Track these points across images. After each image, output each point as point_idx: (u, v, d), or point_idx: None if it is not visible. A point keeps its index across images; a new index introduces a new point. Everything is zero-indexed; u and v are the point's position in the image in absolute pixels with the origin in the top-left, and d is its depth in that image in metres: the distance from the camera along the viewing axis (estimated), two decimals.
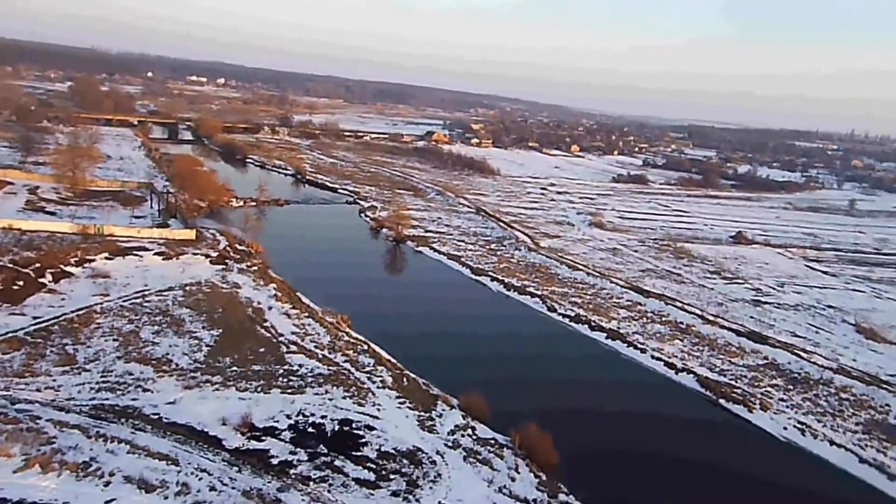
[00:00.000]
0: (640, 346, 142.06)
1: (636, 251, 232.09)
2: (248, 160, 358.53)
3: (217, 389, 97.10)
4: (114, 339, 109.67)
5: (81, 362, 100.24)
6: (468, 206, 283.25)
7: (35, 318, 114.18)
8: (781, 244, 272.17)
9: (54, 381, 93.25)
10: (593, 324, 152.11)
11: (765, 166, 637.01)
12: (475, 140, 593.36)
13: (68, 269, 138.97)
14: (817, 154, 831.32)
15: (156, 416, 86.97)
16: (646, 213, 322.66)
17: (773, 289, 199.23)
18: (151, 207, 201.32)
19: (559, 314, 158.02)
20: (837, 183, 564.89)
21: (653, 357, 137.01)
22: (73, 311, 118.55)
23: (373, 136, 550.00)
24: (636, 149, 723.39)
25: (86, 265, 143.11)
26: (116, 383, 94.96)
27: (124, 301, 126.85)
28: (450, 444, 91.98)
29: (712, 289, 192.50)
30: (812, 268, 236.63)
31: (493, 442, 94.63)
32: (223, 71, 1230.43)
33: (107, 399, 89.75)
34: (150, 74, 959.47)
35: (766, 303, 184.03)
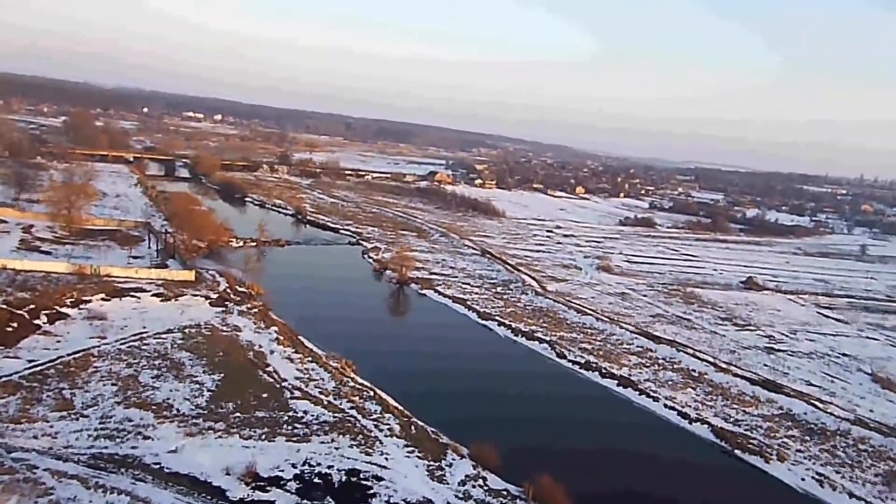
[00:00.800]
0: (652, 394, 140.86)
1: (645, 296, 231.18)
2: (247, 199, 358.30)
3: (220, 437, 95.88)
4: (112, 384, 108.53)
5: (79, 407, 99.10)
6: (473, 248, 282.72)
7: (30, 360, 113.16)
8: (793, 290, 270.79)
9: (51, 427, 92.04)
10: (604, 371, 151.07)
11: (773, 210, 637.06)
12: (479, 181, 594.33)
13: (64, 310, 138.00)
14: (826, 199, 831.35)
15: (157, 466, 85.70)
16: (654, 257, 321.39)
17: (786, 336, 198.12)
18: (149, 247, 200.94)
19: (569, 360, 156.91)
20: (847, 228, 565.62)
21: (665, 406, 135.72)
22: (69, 354, 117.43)
23: (374, 175, 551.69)
24: (642, 191, 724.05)
25: (82, 306, 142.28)
26: (116, 430, 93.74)
27: (122, 344, 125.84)
28: (461, 495, 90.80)
29: (724, 335, 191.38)
30: (825, 315, 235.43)
31: (505, 493, 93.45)
32: (220, 107, 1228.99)
33: (106, 447, 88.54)
34: (145, 110, 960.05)
35: (779, 350, 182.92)
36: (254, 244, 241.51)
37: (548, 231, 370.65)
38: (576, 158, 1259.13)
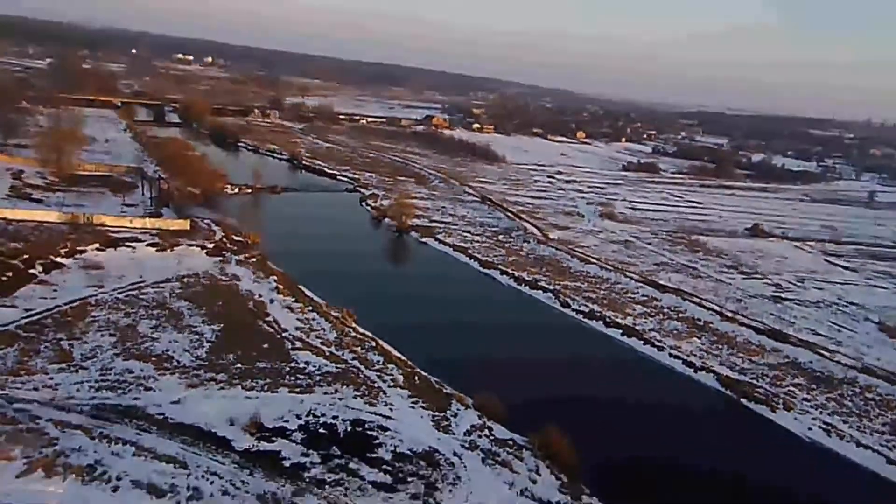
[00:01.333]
0: (657, 343, 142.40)
1: (649, 244, 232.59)
2: (239, 144, 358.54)
3: (222, 388, 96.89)
4: (111, 334, 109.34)
5: (78, 359, 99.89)
6: (473, 195, 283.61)
7: (27, 310, 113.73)
8: (799, 237, 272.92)
9: (51, 378, 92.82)
10: (608, 320, 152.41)
11: (779, 155, 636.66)
12: (477, 125, 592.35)
13: (59, 259, 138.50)
14: (834, 143, 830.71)
15: (160, 417, 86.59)
16: (658, 203, 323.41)
17: (794, 284, 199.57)
18: (143, 195, 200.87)
19: (573, 310, 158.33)
20: (856, 173, 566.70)
21: (670, 355, 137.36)
22: (66, 304, 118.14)
23: (369, 120, 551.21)
24: (645, 136, 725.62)
25: (77, 256, 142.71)
26: (117, 381, 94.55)
27: (120, 293, 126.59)
28: (467, 445, 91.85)
29: (730, 284, 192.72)
30: (832, 262, 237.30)
31: (511, 443, 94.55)
32: (211, 49, 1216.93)
33: (108, 398, 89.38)
34: (134, 52, 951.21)
35: (786, 299, 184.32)
36: (249, 191, 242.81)
37: (549, 177, 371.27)
38: (576, 103, 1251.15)
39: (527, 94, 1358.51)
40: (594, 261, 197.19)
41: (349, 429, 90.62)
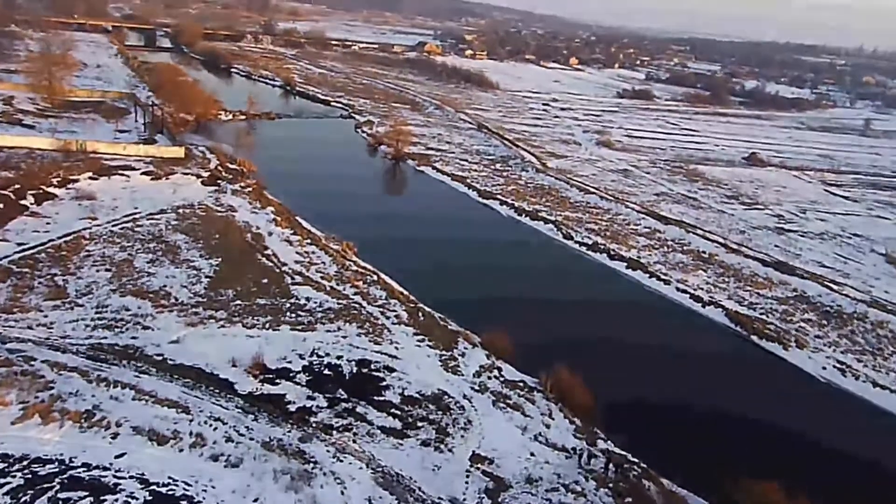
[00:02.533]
0: (663, 277, 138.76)
1: (648, 173, 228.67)
2: (232, 70, 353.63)
3: (222, 326, 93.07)
4: (106, 269, 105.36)
5: (73, 296, 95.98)
6: (469, 123, 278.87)
7: (19, 244, 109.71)
8: (797, 166, 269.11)
9: (45, 317, 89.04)
10: (612, 252, 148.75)
11: (772, 82, 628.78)
12: (469, 51, 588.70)
13: (51, 190, 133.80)
14: (826, 69, 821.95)
15: (160, 357, 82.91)
16: (654, 131, 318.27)
17: (796, 215, 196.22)
18: (136, 121, 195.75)
19: (576, 242, 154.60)
20: (850, 101, 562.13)
21: (677, 289, 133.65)
22: (59, 238, 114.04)
23: (362, 45, 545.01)
24: (637, 62, 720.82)
25: (70, 186, 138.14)
26: (113, 320, 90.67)
27: (114, 225, 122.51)
28: (476, 387, 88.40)
29: (732, 215, 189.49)
30: (832, 192, 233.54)
31: (521, 385, 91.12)
32: None
33: (105, 338, 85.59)
34: None
35: (789, 231, 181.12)
36: (243, 117, 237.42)
37: (544, 104, 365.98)
38: (567, 28, 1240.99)
39: (518, 19, 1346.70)
40: (594, 191, 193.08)
41: (354, 370, 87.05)
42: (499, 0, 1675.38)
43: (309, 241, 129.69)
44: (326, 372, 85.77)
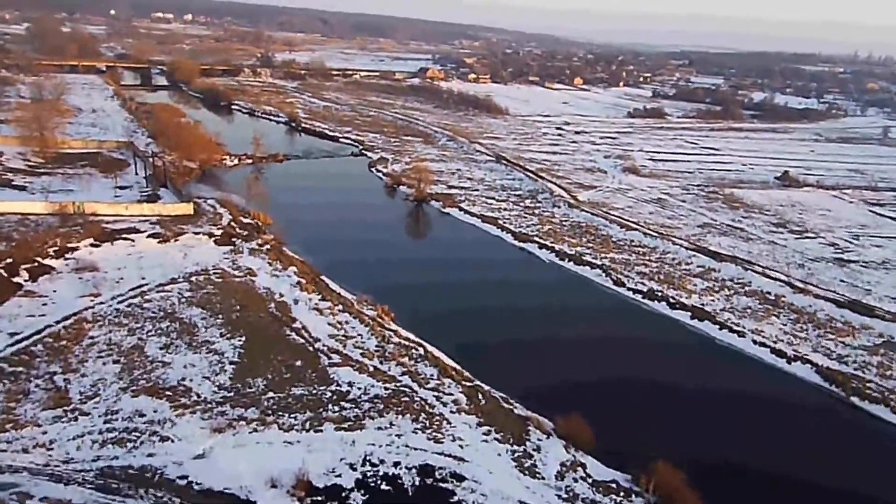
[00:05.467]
0: (734, 327, 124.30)
1: (684, 201, 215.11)
2: (233, 107, 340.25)
3: (255, 430, 77.83)
4: (113, 361, 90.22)
5: (77, 400, 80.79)
6: (486, 154, 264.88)
7: (12, 333, 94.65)
8: (833, 185, 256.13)
9: (44, 433, 73.95)
10: (672, 300, 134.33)
11: (778, 92, 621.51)
12: (472, 75, 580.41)
13: (48, 262, 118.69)
14: (827, 78, 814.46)
15: (183, 481, 68.25)
16: (676, 152, 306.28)
17: (850, 243, 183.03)
18: (136, 174, 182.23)
19: (629, 289, 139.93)
20: (860, 109, 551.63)
21: (754, 342, 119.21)
22: (58, 322, 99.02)
23: (363, 74, 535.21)
24: (641, 79, 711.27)
25: (68, 256, 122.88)
26: (126, 430, 75.61)
27: (120, 302, 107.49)
28: (563, 493, 74.24)
29: (784, 246, 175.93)
30: (878, 213, 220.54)
31: (614, 485, 76.91)
32: (190, 5, 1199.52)
33: (115, 458, 70.61)
34: (112, 12, 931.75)
35: (849, 261, 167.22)
36: (250, 161, 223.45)
37: (557, 128, 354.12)
38: (560, 47, 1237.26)
39: (511, 40, 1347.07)
40: (636, 226, 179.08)
41: (417, 480, 72.32)
42: (490, 21, 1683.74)
43: (340, 307, 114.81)
44: (384, 486, 71.07)
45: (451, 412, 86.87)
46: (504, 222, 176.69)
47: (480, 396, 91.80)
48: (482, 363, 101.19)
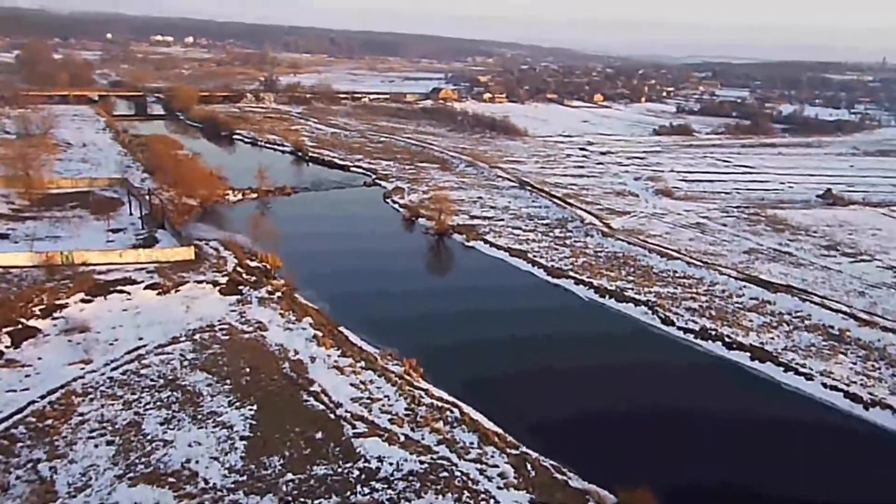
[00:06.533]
0: (800, 369, 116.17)
1: (725, 225, 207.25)
2: (235, 136, 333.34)
3: None
4: (107, 442, 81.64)
5: (64, 493, 72.49)
6: (508, 179, 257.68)
7: None
8: (880, 202, 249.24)
9: None
10: (727, 339, 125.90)
11: (806, 104, 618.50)
12: (487, 95, 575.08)
13: (32, 322, 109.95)
14: (857, 87, 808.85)
15: None
16: (708, 172, 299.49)
17: None
18: (131, 213, 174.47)
19: (678, 328, 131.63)
20: (894, 119, 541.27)
21: (824, 385, 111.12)
22: (43, 397, 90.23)
23: (372, 96, 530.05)
24: (663, 94, 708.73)
25: (56, 314, 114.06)
26: None
27: (114, 369, 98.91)
28: None
29: (839, 271, 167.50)
30: None
31: None
32: (191, 27, 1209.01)
33: None
34: (109, 36, 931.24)
35: None
36: (255, 195, 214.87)
37: (581, 149, 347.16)
38: (578, 61, 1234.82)
39: (526, 55, 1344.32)
40: (678, 255, 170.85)
41: None
42: (504, 36, 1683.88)
43: (363, 363, 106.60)
44: None
45: (499, 488, 78.61)
46: (534, 255, 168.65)
47: (529, 467, 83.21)
48: (527, 425, 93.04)
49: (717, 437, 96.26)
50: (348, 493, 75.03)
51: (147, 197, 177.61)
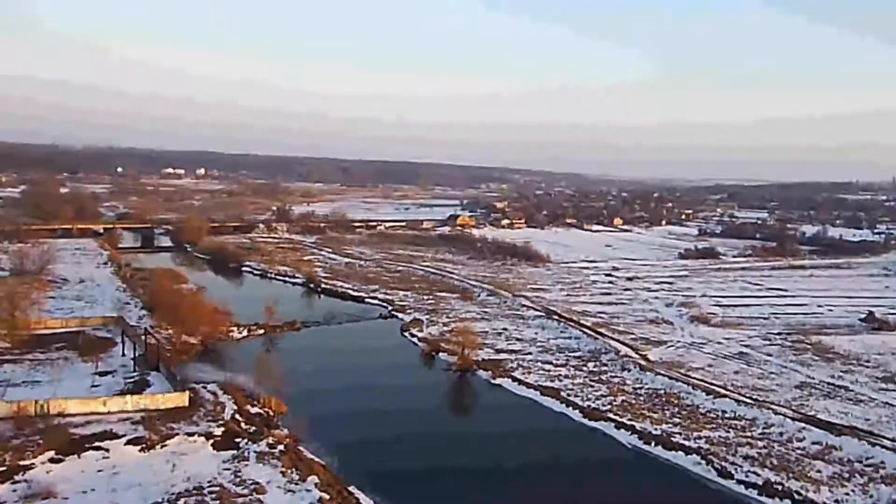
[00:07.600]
0: None
1: (770, 354, 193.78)
2: (243, 268, 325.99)
3: None
4: None
5: None
6: (533, 308, 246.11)
7: None
8: None
9: None
10: (797, 496, 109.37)
11: (828, 224, 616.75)
12: (506, 221, 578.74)
13: None
14: (874, 206, 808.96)
15: None
16: (742, 296, 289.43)
17: None
18: (124, 354, 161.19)
19: (738, 481, 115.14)
20: None
21: None
22: None
23: (388, 224, 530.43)
24: (682, 216, 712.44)
25: (18, 478, 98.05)
26: None
27: None
28: None
29: None
30: None
31: None
32: (203, 160, 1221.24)
33: None
34: (119, 170, 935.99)
35: None
36: (261, 331, 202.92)
37: (606, 275, 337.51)
38: (592, 185, 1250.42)
39: (539, 181, 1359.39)
40: (724, 391, 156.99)
41: None
42: (516, 163, 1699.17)
43: None
44: None
45: None
46: (568, 394, 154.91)
47: None
48: None
49: None
50: None
51: (143, 336, 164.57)
